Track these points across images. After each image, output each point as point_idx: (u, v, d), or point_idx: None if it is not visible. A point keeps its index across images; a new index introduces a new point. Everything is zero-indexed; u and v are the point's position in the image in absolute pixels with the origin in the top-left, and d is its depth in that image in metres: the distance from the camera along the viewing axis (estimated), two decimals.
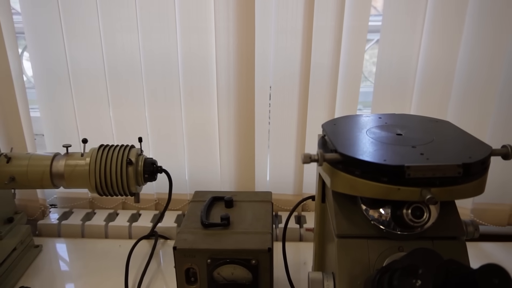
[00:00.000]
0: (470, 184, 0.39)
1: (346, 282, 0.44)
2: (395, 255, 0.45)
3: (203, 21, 0.87)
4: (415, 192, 0.38)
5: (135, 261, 0.84)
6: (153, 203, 1.01)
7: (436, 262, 0.36)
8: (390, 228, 0.44)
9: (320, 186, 0.56)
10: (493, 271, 0.32)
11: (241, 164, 0.96)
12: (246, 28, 0.86)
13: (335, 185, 0.43)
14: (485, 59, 0.83)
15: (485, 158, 0.40)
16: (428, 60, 0.85)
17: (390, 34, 0.85)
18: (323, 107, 0.91)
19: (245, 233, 0.63)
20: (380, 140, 0.44)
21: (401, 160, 0.38)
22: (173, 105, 0.92)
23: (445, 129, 0.48)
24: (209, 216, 0.67)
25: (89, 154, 0.71)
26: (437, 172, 0.38)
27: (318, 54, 0.87)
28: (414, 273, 0.33)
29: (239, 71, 0.89)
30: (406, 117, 0.52)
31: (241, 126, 0.93)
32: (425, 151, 0.41)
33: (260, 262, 0.60)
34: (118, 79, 0.91)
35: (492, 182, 0.66)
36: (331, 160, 0.41)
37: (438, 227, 0.45)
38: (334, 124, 0.50)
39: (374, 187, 0.39)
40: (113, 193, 0.72)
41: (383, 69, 0.88)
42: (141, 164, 0.72)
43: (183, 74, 0.90)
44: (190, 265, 0.61)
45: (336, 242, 0.46)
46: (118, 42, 0.88)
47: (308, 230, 0.94)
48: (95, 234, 0.95)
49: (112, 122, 0.95)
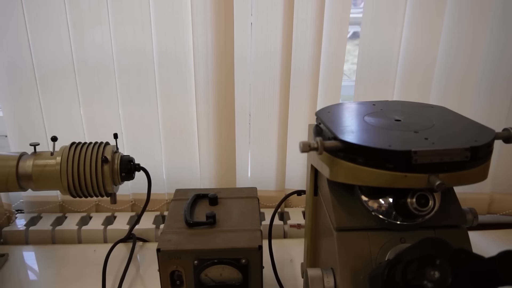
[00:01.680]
0: (477, 169, 0.38)
1: (347, 277, 0.42)
2: (397, 246, 0.43)
3: (179, 13, 0.82)
4: (422, 179, 0.36)
5: (112, 266, 0.79)
6: (129, 204, 0.95)
7: (447, 251, 0.35)
8: (392, 219, 0.42)
9: (312, 178, 0.53)
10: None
11: (221, 161, 0.93)
12: (225, 20, 0.82)
13: (335, 175, 0.40)
14: (465, 48, 0.84)
15: (491, 141, 0.38)
16: (409, 50, 0.85)
17: (371, 26, 0.84)
18: (305, 100, 0.89)
19: (232, 231, 0.59)
20: (380, 126, 0.42)
21: (407, 145, 0.36)
22: (148, 102, 0.88)
23: (443, 114, 0.46)
24: (193, 214, 0.63)
25: (59, 152, 0.66)
26: (445, 156, 0.36)
27: (299, 47, 0.85)
28: (431, 264, 0.30)
29: (218, 65, 0.85)
30: (401, 104, 0.50)
31: (221, 122, 0.90)
32: (429, 136, 0.39)
33: (250, 261, 0.56)
34: (89, 75, 0.85)
35: None
36: (331, 148, 0.39)
37: (439, 216, 0.43)
38: (329, 112, 0.47)
39: (378, 175, 0.37)
40: (87, 194, 0.67)
41: (365, 60, 0.86)
42: (117, 162, 0.67)
43: (158, 69, 0.86)
44: (175, 268, 0.57)
45: (335, 236, 0.43)
46: (88, 36, 0.83)
47: (292, 227, 0.91)
48: (67, 239, 0.89)
49: (82, 121, 0.89)
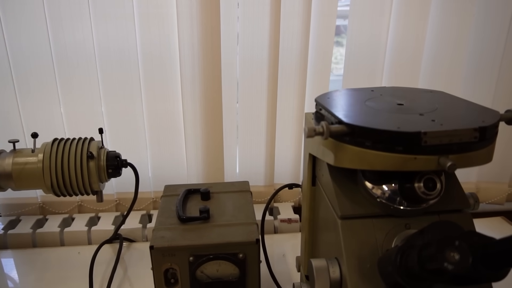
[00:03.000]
0: (484, 150, 0.37)
1: (354, 265, 0.41)
2: (403, 233, 0.42)
3: (163, 7, 0.80)
4: (432, 161, 0.35)
5: (98, 268, 0.76)
6: (113, 204, 0.92)
7: (458, 234, 0.34)
8: (397, 204, 0.41)
9: (310, 168, 0.52)
10: None
11: (209, 157, 0.91)
12: (211, 13, 0.80)
13: (340, 161, 0.39)
14: (451, 38, 0.84)
15: (497, 122, 0.38)
16: (396, 42, 0.85)
17: (359, 18, 0.84)
18: (293, 94, 0.88)
19: (228, 226, 0.57)
20: (384, 109, 0.41)
21: (415, 127, 0.35)
22: (132, 98, 0.85)
23: (443, 98, 0.46)
24: (185, 210, 0.61)
25: (41, 149, 0.63)
26: (454, 137, 0.35)
27: (287, 41, 0.84)
28: (450, 246, 0.29)
29: (204, 59, 0.83)
30: (400, 89, 0.50)
31: (208, 117, 0.88)
32: (435, 118, 0.38)
33: (248, 255, 0.55)
34: (69, 70, 0.82)
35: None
36: (337, 132, 0.37)
37: (443, 200, 0.43)
38: (328, 98, 0.46)
39: (387, 158, 0.36)
40: (72, 192, 0.63)
41: (352, 52, 0.86)
42: (103, 158, 0.64)
43: (143, 65, 0.83)
44: (169, 265, 0.54)
45: (340, 224, 0.42)
46: (67, 30, 0.79)
47: (283, 222, 0.90)
48: (48, 242, 0.85)
49: (63, 118, 0.85)
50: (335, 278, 0.42)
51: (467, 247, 0.29)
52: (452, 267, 0.29)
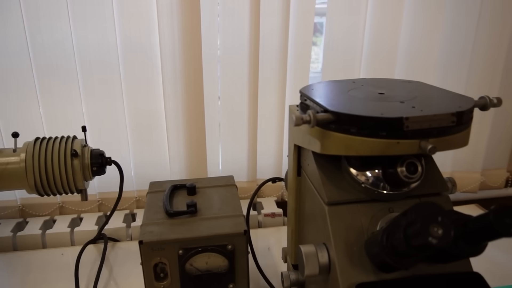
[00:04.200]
0: (461, 134, 0.39)
1: (342, 249, 0.42)
2: (387, 216, 0.44)
3: (143, 5, 0.80)
4: (414, 145, 0.37)
5: (83, 268, 0.75)
6: (96, 204, 0.91)
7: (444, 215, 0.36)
8: (380, 189, 0.43)
9: (295, 159, 0.53)
10: (505, 212, 0.32)
11: (191, 154, 0.91)
12: (191, 11, 0.81)
13: (327, 148, 0.41)
14: (424, 33, 0.88)
15: (472, 107, 0.40)
16: (373, 37, 0.88)
17: (336, 14, 0.86)
18: (274, 90, 0.90)
19: (216, 218, 0.58)
20: (366, 98, 0.43)
21: (398, 113, 0.37)
22: (113, 97, 0.84)
23: (421, 87, 0.48)
24: (172, 205, 0.62)
25: (23, 149, 0.62)
26: (434, 122, 0.37)
27: (267, 38, 0.85)
28: (433, 222, 0.31)
29: (186, 57, 0.83)
30: (380, 80, 0.52)
31: (190, 115, 0.88)
32: (415, 105, 0.40)
33: (236, 246, 0.56)
34: (48, 70, 0.81)
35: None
36: (323, 120, 0.39)
37: (423, 184, 0.45)
38: (312, 89, 0.47)
39: (372, 143, 0.38)
40: (56, 191, 0.63)
41: (331, 47, 0.88)
42: (87, 156, 0.64)
43: (123, 63, 0.82)
44: (159, 260, 0.55)
45: (327, 210, 0.44)
46: (45, 29, 0.78)
47: (267, 216, 0.91)
48: (30, 245, 0.83)
49: (42, 119, 0.84)
50: (324, 263, 0.43)
51: (450, 222, 0.31)
52: (436, 241, 0.31)
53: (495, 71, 0.93)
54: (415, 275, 0.41)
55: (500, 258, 0.79)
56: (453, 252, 0.36)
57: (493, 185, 1.05)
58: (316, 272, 0.44)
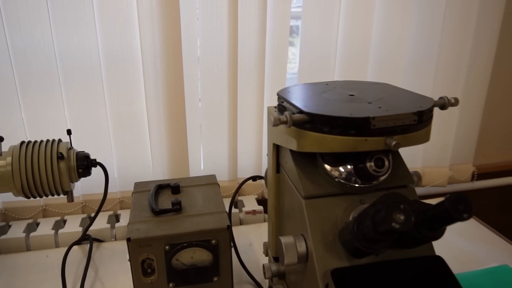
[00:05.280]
0: (422, 131, 0.44)
1: (318, 239, 0.46)
2: (359, 207, 0.48)
3: (124, 10, 0.82)
4: (380, 141, 0.41)
5: (68, 269, 0.77)
6: (79, 206, 0.93)
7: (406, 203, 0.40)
8: (352, 182, 0.47)
9: (274, 157, 0.57)
10: (458, 199, 0.37)
11: (174, 155, 0.94)
12: (171, 15, 0.83)
13: (303, 146, 0.44)
14: (393, 36, 0.93)
15: (432, 107, 0.44)
16: (346, 40, 0.92)
17: (311, 18, 0.90)
18: (252, 92, 0.93)
19: (200, 215, 0.61)
20: (338, 100, 0.47)
21: (365, 113, 0.41)
22: (95, 101, 0.86)
23: (388, 89, 0.52)
24: (158, 203, 0.64)
25: (9, 152, 0.63)
26: (397, 121, 0.41)
27: (245, 41, 0.88)
28: (396, 209, 0.35)
29: (166, 60, 0.86)
30: (350, 82, 0.56)
31: (172, 117, 0.91)
32: (381, 105, 0.44)
33: (220, 241, 0.59)
34: (29, 75, 0.82)
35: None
36: (299, 120, 0.42)
37: (391, 178, 0.49)
38: (289, 92, 0.51)
39: (343, 141, 0.41)
40: (43, 193, 0.64)
41: (306, 51, 0.92)
42: (73, 158, 0.66)
43: (105, 66, 0.84)
44: (146, 256, 0.57)
45: (304, 204, 0.47)
46: (26, 34, 0.79)
47: (248, 213, 0.94)
48: (13, 248, 0.84)
49: (24, 123, 0.85)
50: (302, 252, 0.47)
51: (411, 210, 0.35)
52: (399, 226, 0.35)
53: (460, 71, 0.99)
54: (384, 260, 0.45)
55: (466, 246, 0.85)
56: (416, 236, 0.40)
57: (461, 179, 1.12)
58: (295, 261, 0.47)
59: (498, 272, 0.73)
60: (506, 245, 0.85)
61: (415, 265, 0.45)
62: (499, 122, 1.16)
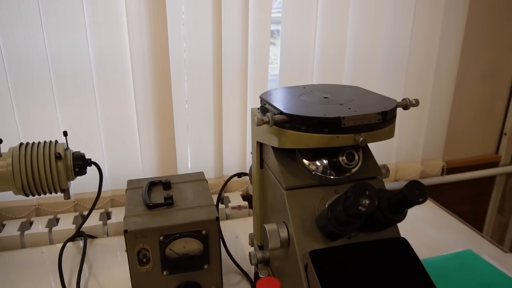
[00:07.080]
0: (387, 129, 0.50)
1: (298, 225, 0.52)
2: (333, 197, 0.54)
3: (113, 15, 0.86)
4: (350, 138, 0.47)
5: (63, 265, 0.81)
6: (71, 205, 0.96)
7: (372, 190, 0.46)
8: (327, 175, 0.53)
9: (258, 153, 0.63)
10: (415, 185, 0.43)
11: (162, 155, 0.98)
12: (159, 20, 0.88)
13: (283, 143, 0.50)
14: (367, 40, 1.00)
15: (395, 107, 0.51)
16: (323, 44, 0.99)
17: (290, 23, 0.96)
18: (236, 93, 0.98)
19: (190, 208, 0.66)
20: (314, 102, 0.53)
21: (337, 113, 0.47)
22: (87, 103, 0.90)
23: (358, 91, 0.58)
24: (151, 199, 0.69)
25: (9, 153, 0.67)
26: (364, 120, 0.47)
27: (228, 45, 0.93)
28: (362, 195, 0.42)
29: (154, 64, 0.90)
30: (325, 86, 0.62)
31: (160, 118, 0.95)
32: (351, 107, 0.50)
33: (210, 231, 0.64)
34: (22, 77, 0.85)
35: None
36: (279, 120, 0.48)
37: (361, 170, 0.55)
38: (270, 95, 0.57)
39: (318, 138, 0.48)
40: (41, 191, 0.69)
41: (286, 54, 0.98)
42: (70, 158, 0.70)
43: (96, 70, 0.88)
44: (142, 246, 0.62)
45: (285, 194, 0.53)
46: (19, 38, 0.83)
47: (234, 208, 1.00)
48: (9, 246, 0.87)
49: (17, 125, 0.88)
50: (284, 237, 0.53)
51: (374, 195, 0.42)
52: (364, 209, 0.41)
53: (428, 73, 1.07)
54: (356, 242, 0.51)
55: (435, 234, 0.92)
56: (382, 220, 0.47)
57: (431, 173, 1.20)
58: (278, 245, 0.53)
59: (463, 256, 0.81)
60: (471, 232, 0.93)
61: (382, 245, 0.51)
62: (466, 120, 1.25)
